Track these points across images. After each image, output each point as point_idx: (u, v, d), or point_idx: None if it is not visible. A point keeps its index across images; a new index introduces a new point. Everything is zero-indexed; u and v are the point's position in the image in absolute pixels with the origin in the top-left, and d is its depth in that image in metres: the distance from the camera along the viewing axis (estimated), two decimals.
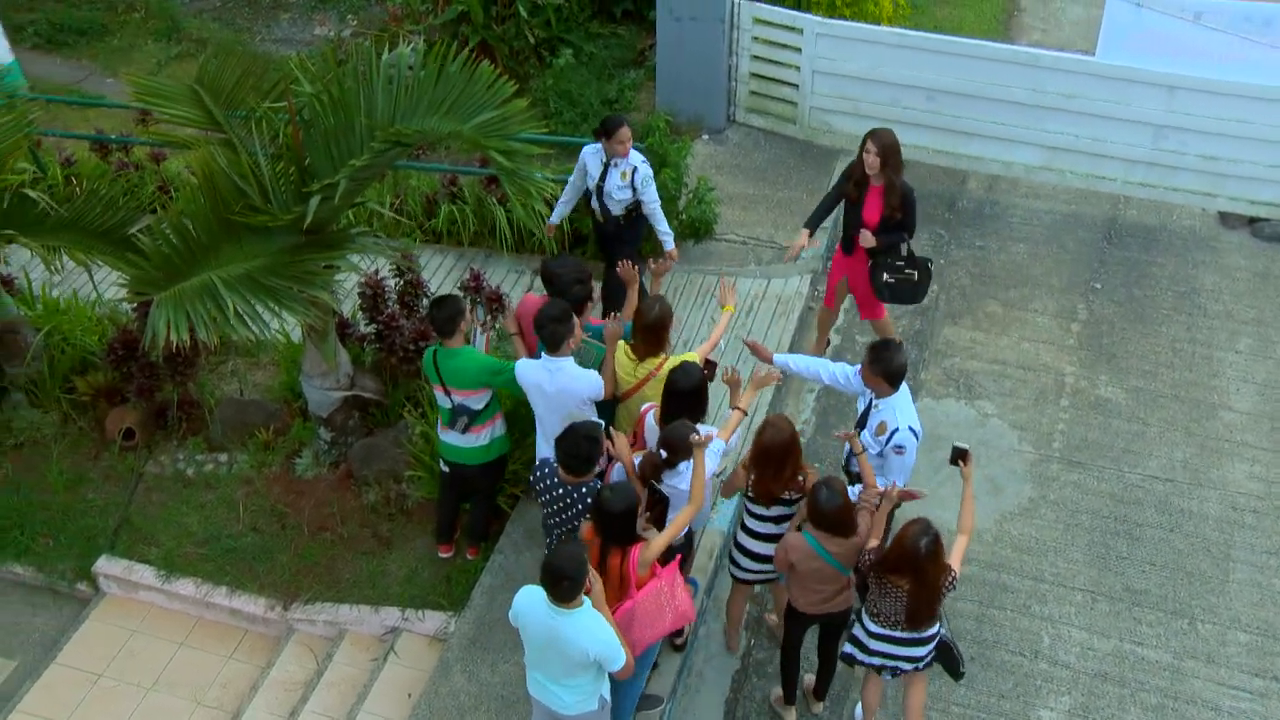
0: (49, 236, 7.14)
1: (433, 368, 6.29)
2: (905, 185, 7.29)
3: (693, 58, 10.50)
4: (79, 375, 8.06)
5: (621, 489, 5.30)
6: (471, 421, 6.34)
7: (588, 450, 5.47)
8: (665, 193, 8.96)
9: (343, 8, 14.03)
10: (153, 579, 7.16)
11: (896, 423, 5.88)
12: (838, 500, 5.34)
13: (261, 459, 7.63)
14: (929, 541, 5.15)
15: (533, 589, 5.04)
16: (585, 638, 4.91)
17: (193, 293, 5.74)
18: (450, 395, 6.28)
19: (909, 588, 5.28)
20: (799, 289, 9.10)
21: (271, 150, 6.39)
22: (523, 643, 5.22)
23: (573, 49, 11.54)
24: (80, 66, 13.41)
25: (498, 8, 11.23)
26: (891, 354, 5.84)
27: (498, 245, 9.32)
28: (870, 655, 5.68)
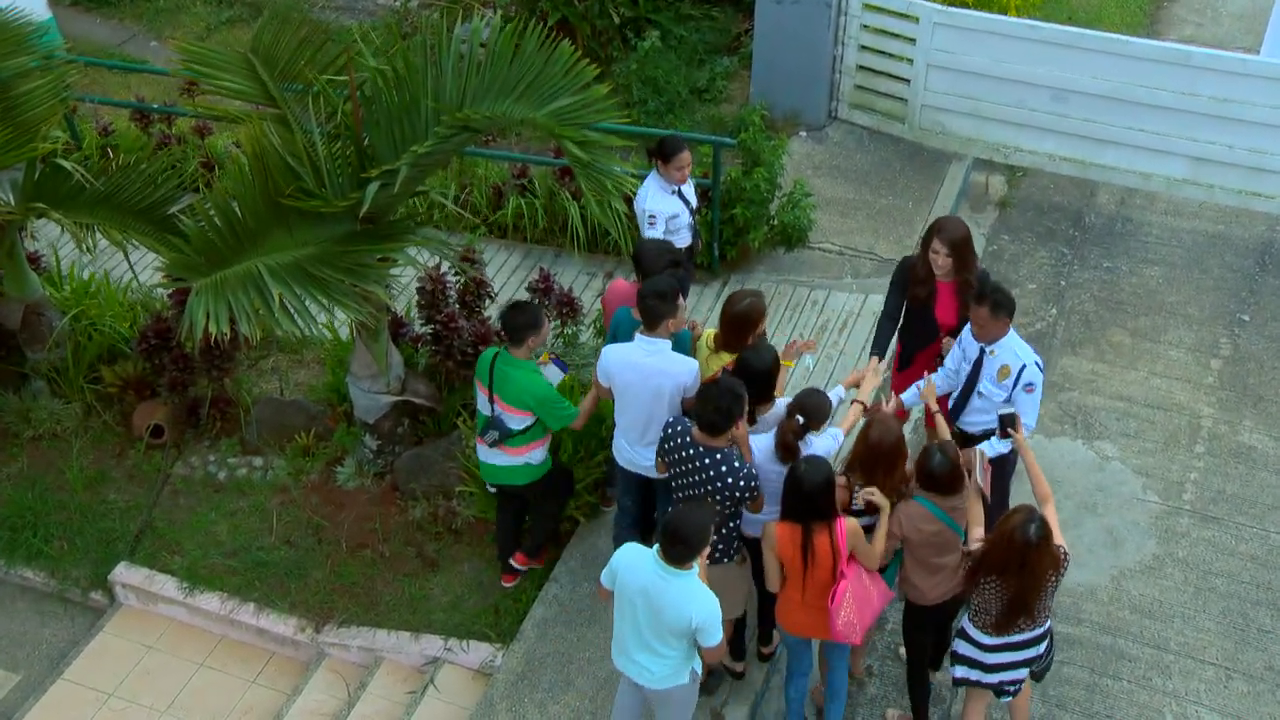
0: (82, 212, 7.34)
1: (487, 368, 6.31)
2: (983, 274, 6.78)
3: (793, 45, 10.49)
4: (106, 365, 8.25)
5: (816, 462, 5.45)
6: (503, 439, 6.35)
7: (729, 405, 5.49)
8: (758, 195, 8.97)
9: None
10: (174, 591, 7.28)
11: (1021, 360, 6.16)
12: (948, 463, 5.52)
13: (300, 465, 7.74)
14: (1038, 529, 5.20)
15: (636, 546, 5.27)
16: (691, 603, 5.08)
17: (235, 281, 5.85)
18: (493, 404, 6.32)
19: (1016, 585, 5.32)
20: None
21: (328, 129, 6.50)
22: (615, 607, 5.37)
23: (660, 31, 11.58)
24: (123, 27, 13.78)
25: None
26: (1004, 290, 6.17)
27: (568, 244, 9.38)
28: (990, 673, 5.67)
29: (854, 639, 5.55)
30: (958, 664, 5.76)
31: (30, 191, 7.34)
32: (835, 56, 10.63)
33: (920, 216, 9.90)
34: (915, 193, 10.17)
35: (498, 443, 6.34)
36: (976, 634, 5.60)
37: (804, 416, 5.66)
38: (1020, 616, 5.42)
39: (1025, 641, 5.57)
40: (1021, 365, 6.17)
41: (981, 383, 6.33)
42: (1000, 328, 6.19)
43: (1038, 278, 9.40)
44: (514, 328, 6.22)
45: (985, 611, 5.49)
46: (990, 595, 5.41)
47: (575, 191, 9.33)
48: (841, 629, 5.50)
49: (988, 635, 5.56)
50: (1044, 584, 5.35)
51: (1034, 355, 6.23)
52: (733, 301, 6.17)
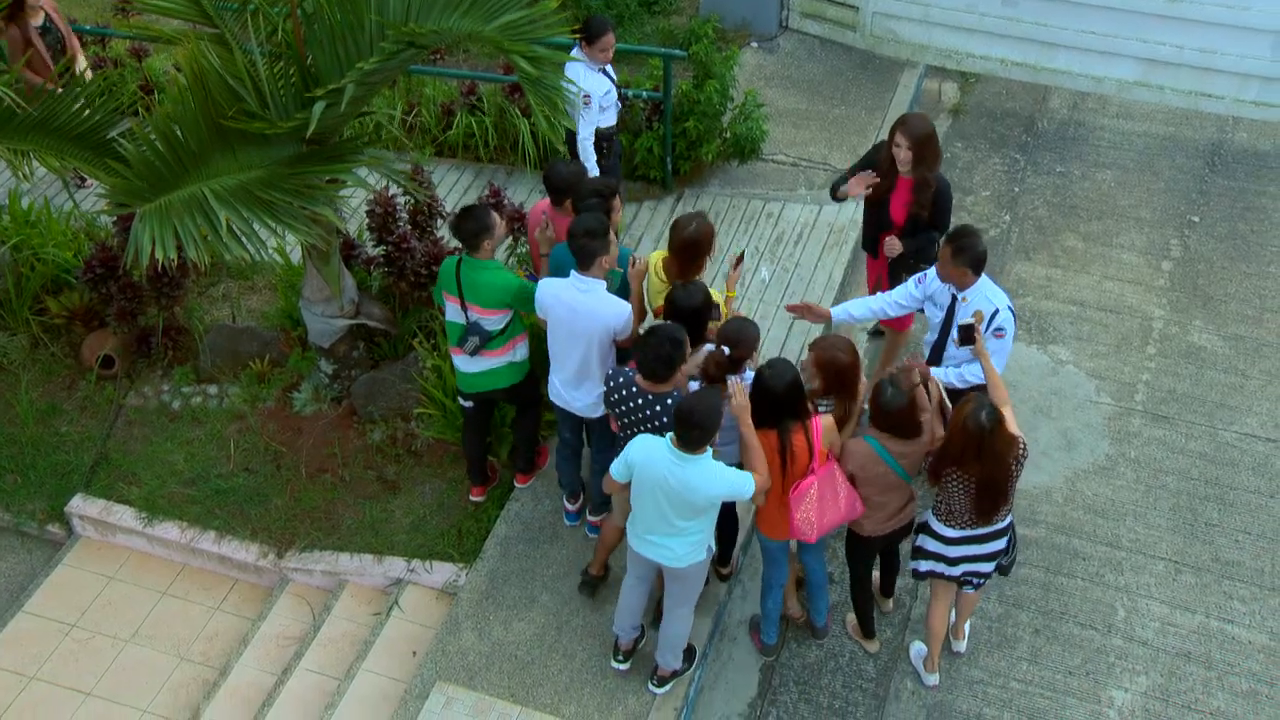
0: (15, 138, 7.14)
1: (453, 277, 6.28)
2: (941, 181, 6.88)
3: None
4: (51, 295, 8.14)
5: (779, 365, 5.55)
6: (483, 344, 6.35)
7: (669, 352, 5.51)
8: (710, 108, 8.91)
9: None
10: (133, 521, 7.28)
11: (993, 304, 6.12)
12: (902, 398, 5.46)
13: (255, 392, 7.71)
14: (990, 413, 5.28)
15: (649, 438, 5.44)
16: (711, 482, 5.30)
17: (181, 205, 5.75)
18: (466, 311, 6.31)
19: (979, 472, 5.41)
20: (854, 217, 9.03)
21: (269, 49, 6.36)
22: (631, 498, 5.54)
23: None
24: None
25: None
26: (974, 239, 6.05)
27: (520, 161, 9.31)
28: (954, 565, 5.82)
29: (808, 536, 5.66)
30: (921, 559, 5.89)
31: None
32: None
33: (873, 125, 9.89)
34: (868, 102, 10.16)
35: (479, 349, 6.34)
36: (940, 528, 5.72)
37: (731, 347, 5.59)
38: (998, 503, 5.51)
39: (987, 535, 5.69)
40: (994, 310, 6.11)
41: (955, 330, 6.28)
42: (962, 274, 6.08)
43: (991, 184, 9.45)
44: (467, 234, 6.20)
45: (950, 505, 5.59)
46: (955, 488, 5.51)
47: (525, 109, 9.24)
48: (799, 524, 5.60)
49: (951, 528, 5.68)
50: (1008, 468, 5.43)
51: (1007, 300, 6.17)
52: (679, 228, 6.12)
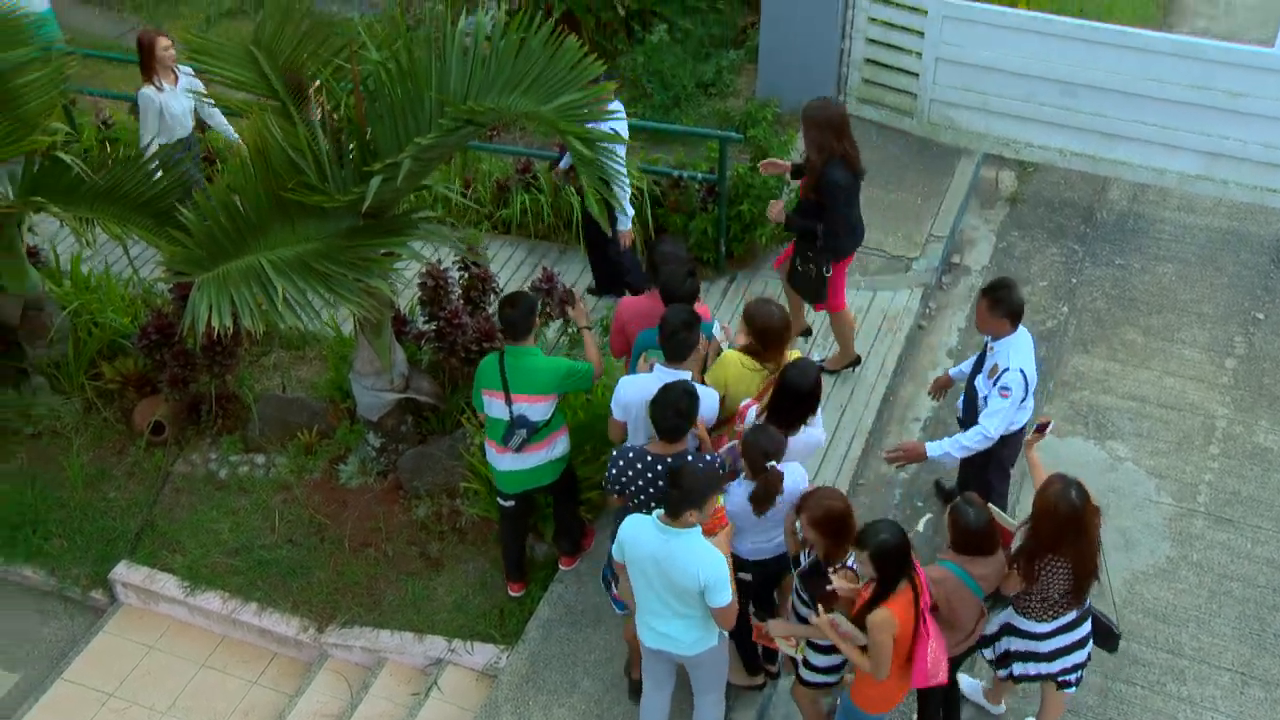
0: (82, 206, 7.31)
1: (497, 369, 6.27)
2: (830, 170, 7.18)
3: (800, 38, 10.44)
4: (107, 360, 8.23)
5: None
6: (529, 437, 6.33)
7: (687, 406, 5.51)
8: (766, 191, 8.93)
9: None
10: (175, 590, 7.26)
11: (1008, 363, 6.17)
12: (985, 516, 5.35)
13: (302, 463, 7.71)
14: (1078, 490, 5.18)
15: (637, 516, 5.36)
16: (696, 560, 5.14)
17: (238, 275, 5.82)
18: (511, 404, 6.29)
19: (1076, 553, 5.26)
20: (908, 304, 8.98)
21: (331, 123, 6.46)
22: (631, 584, 5.44)
23: (667, 24, 11.54)
24: (122, 20, 13.75)
25: None
26: (1011, 290, 6.14)
27: (573, 239, 9.34)
28: (1051, 661, 5.60)
29: (940, 677, 5.27)
30: (1014, 661, 5.68)
31: (29, 185, 7.31)
32: (843, 50, 10.58)
33: (929, 212, 9.86)
34: (924, 188, 10.13)
35: (525, 443, 6.31)
36: (1031, 625, 5.53)
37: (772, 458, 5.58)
38: (1092, 580, 5.37)
39: (1075, 620, 5.52)
40: (1005, 368, 6.18)
41: (978, 377, 6.43)
42: (999, 325, 6.21)
43: (1049, 275, 9.35)
44: (514, 321, 6.20)
45: (1046, 596, 5.40)
46: (1052, 578, 5.32)
47: (580, 187, 9.29)
48: (930, 666, 5.23)
49: (1044, 622, 5.50)
50: (1098, 543, 5.30)
51: (1027, 362, 6.19)
52: (760, 315, 6.06)
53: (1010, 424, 6.32)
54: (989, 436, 6.22)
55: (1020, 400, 6.24)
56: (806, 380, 5.77)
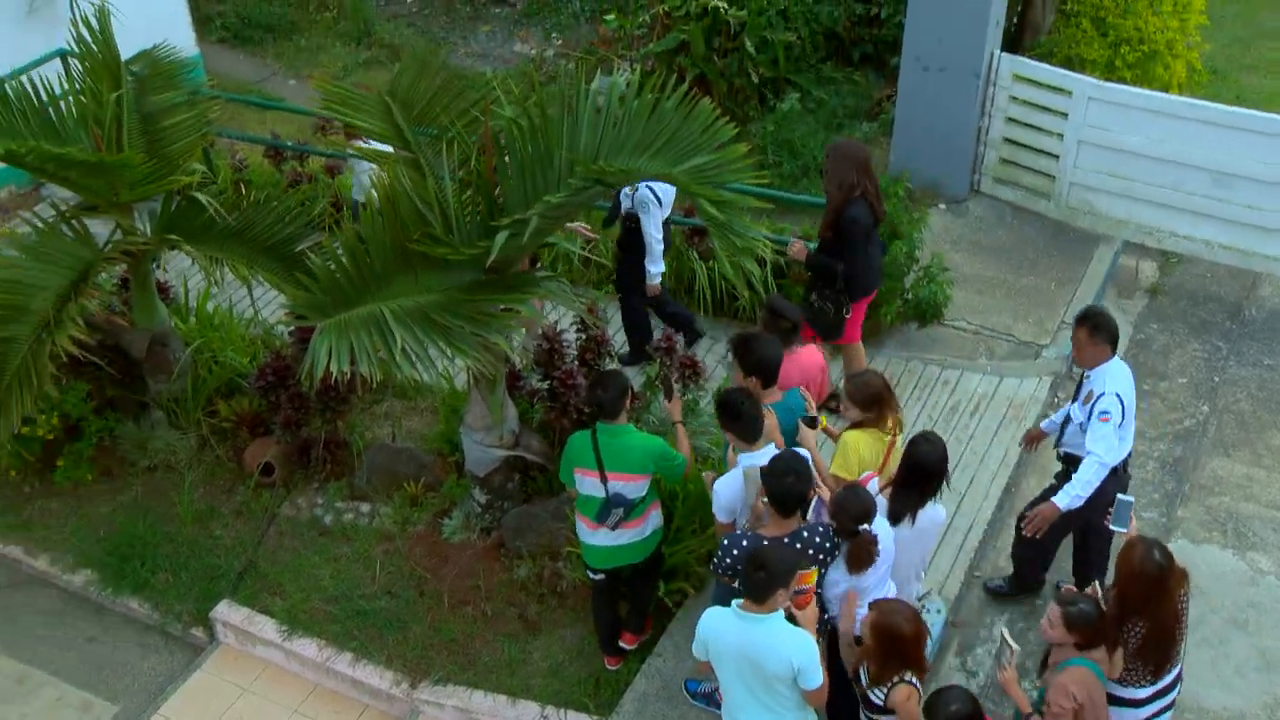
0: (213, 246, 7.57)
1: (590, 448, 6.28)
2: (851, 208, 7.45)
3: (937, 114, 10.40)
4: (224, 399, 8.45)
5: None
6: (626, 514, 6.34)
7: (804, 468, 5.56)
8: (894, 268, 8.86)
9: (548, 25, 14.55)
10: (273, 634, 7.37)
11: (1104, 388, 6.27)
12: (1091, 605, 5.27)
13: (406, 515, 7.80)
14: (1161, 550, 5.18)
15: (716, 610, 5.32)
16: (786, 644, 5.11)
17: (359, 323, 5.93)
18: (606, 483, 6.29)
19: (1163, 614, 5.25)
20: (1035, 393, 8.80)
21: (460, 176, 6.60)
22: (719, 680, 5.38)
23: (800, 93, 11.63)
24: (264, 65, 14.32)
25: (721, 40, 11.44)
26: (1107, 317, 6.33)
27: (694, 305, 9.37)
28: None
29: None
30: None
31: (166, 223, 7.59)
32: (980, 128, 10.51)
33: (1062, 299, 9.67)
34: (1058, 273, 9.95)
35: (622, 520, 6.31)
36: (1130, 692, 5.42)
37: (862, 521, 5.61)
38: (1178, 645, 5.32)
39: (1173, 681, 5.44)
40: (1100, 393, 6.28)
41: (1074, 405, 6.57)
42: (1099, 352, 6.35)
43: (1189, 371, 9.08)
44: (609, 401, 6.26)
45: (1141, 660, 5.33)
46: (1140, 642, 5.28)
47: (704, 252, 9.35)
48: None
49: (1143, 687, 5.39)
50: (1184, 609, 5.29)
51: (1123, 386, 6.31)
52: (863, 387, 6.17)
53: None
54: (1104, 464, 6.27)
55: (1118, 424, 6.29)
56: (936, 452, 5.83)
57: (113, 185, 7.30)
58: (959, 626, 7.19)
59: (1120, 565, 5.29)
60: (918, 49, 10.27)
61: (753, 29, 11.38)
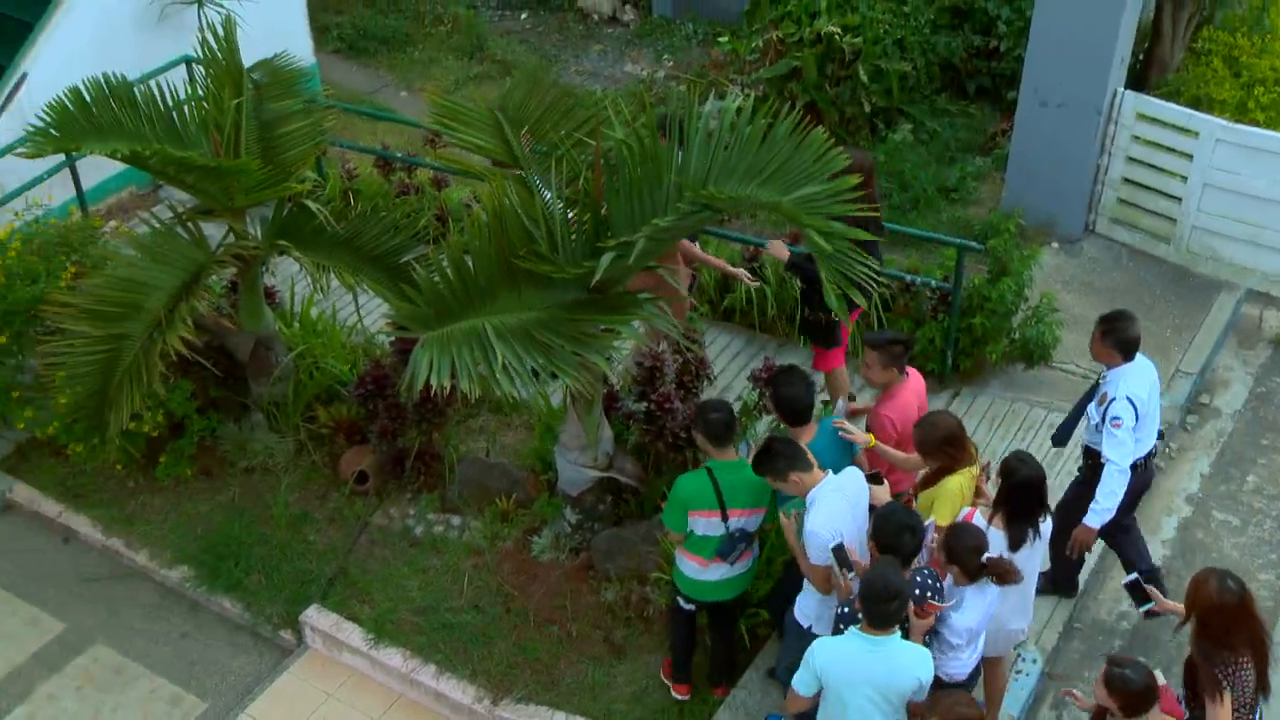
0: (321, 253, 7.80)
1: (712, 490, 6.29)
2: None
3: (1054, 151, 10.32)
4: (323, 405, 8.69)
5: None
6: (748, 547, 6.44)
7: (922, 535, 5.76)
8: (1001, 306, 8.82)
9: (660, 46, 14.71)
10: (360, 641, 7.54)
11: (1116, 392, 6.48)
12: (1140, 673, 5.20)
13: (496, 530, 7.94)
14: (1233, 576, 5.24)
15: (828, 642, 5.54)
16: (913, 661, 5.40)
17: (461, 337, 6.08)
18: (728, 520, 6.33)
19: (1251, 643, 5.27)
20: None
21: (568, 195, 6.73)
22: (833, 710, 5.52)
23: (913, 124, 11.61)
24: (377, 76, 14.67)
25: (834, 68, 11.47)
26: (1126, 323, 6.51)
27: (795, 335, 9.39)
28: None
29: None
30: None
31: (277, 229, 7.85)
32: (1099, 166, 10.40)
33: (1179, 346, 9.52)
34: (1175, 320, 9.79)
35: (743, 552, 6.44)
36: None
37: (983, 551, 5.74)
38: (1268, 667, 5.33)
39: None
40: (1112, 397, 6.50)
41: (1090, 404, 6.80)
42: (1108, 355, 6.60)
43: None
44: (720, 427, 6.34)
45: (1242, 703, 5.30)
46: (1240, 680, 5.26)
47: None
48: None
49: None
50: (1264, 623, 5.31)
51: (1137, 388, 6.49)
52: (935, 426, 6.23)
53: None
54: (1122, 470, 6.51)
55: (1133, 428, 6.48)
56: (1036, 469, 6.00)
57: (228, 190, 7.58)
58: (1056, 679, 7.11)
59: (1197, 601, 5.29)
60: (1037, 83, 10.21)
61: (867, 58, 11.41)
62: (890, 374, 6.76)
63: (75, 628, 7.89)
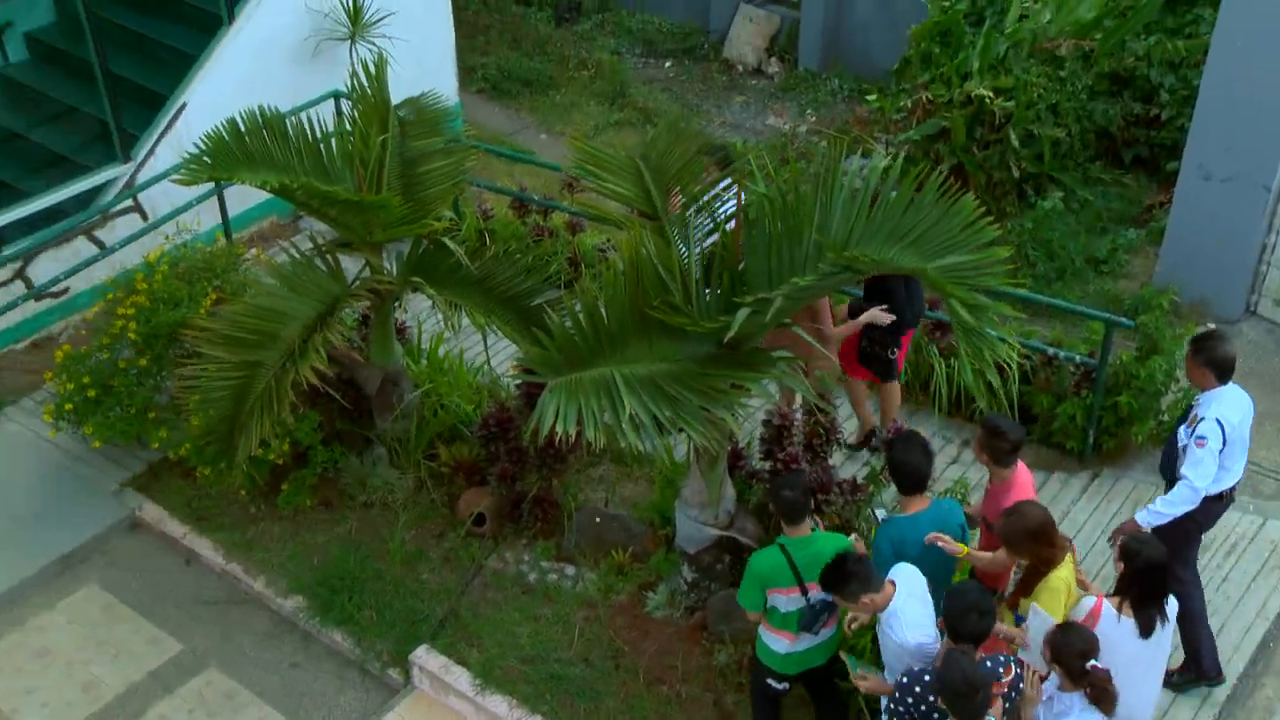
0: (454, 291, 7.97)
1: (789, 568, 6.28)
2: None
3: (1216, 227, 10.06)
4: (445, 444, 8.83)
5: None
6: (830, 614, 6.40)
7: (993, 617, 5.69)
8: (1150, 385, 8.60)
9: (804, 100, 14.76)
10: (467, 686, 7.59)
11: (1205, 412, 6.56)
12: None
13: (611, 583, 7.96)
14: None
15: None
16: None
17: (590, 385, 6.13)
18: (808, 593, 6.30)
19: None
20: None
21: (705, 247, 6.76)
22: None
23: (1063, 192, 11.45)
24: (518, 118, 14.99)
25: (984, 131, 11.38)
26: (1217, 342, 6.64)
27: (929, 401, 9.29)
28: None
29: None
30: None
31: (412, 265, 8.04)
32: (1265, 245, 10.10)
33: None
34: None
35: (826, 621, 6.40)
36: None
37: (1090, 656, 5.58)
38: None
39: None
40: (1201, 417, 6.57)
41: (1181, 427, 6.84)
42: (1202, 377, 6.68)
43: None
44: (793, 502, 6.32)
45: None
46: None
47: (944, 349, 9.26)
48: None
49: None
50: None
51: (1228, 412, 6.55)
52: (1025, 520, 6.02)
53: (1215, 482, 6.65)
54: (1195, 490, 6.56)
55: (1218, 451, 6.54)
56: (1157, 549, 5.85)
57: (368, 224, 7.80)
58: None
59: None
60: (1201, 156, 9.98)
61: (1019, 122, 11.29)
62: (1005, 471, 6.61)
63: (191, 650, 8.11)
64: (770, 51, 15.64)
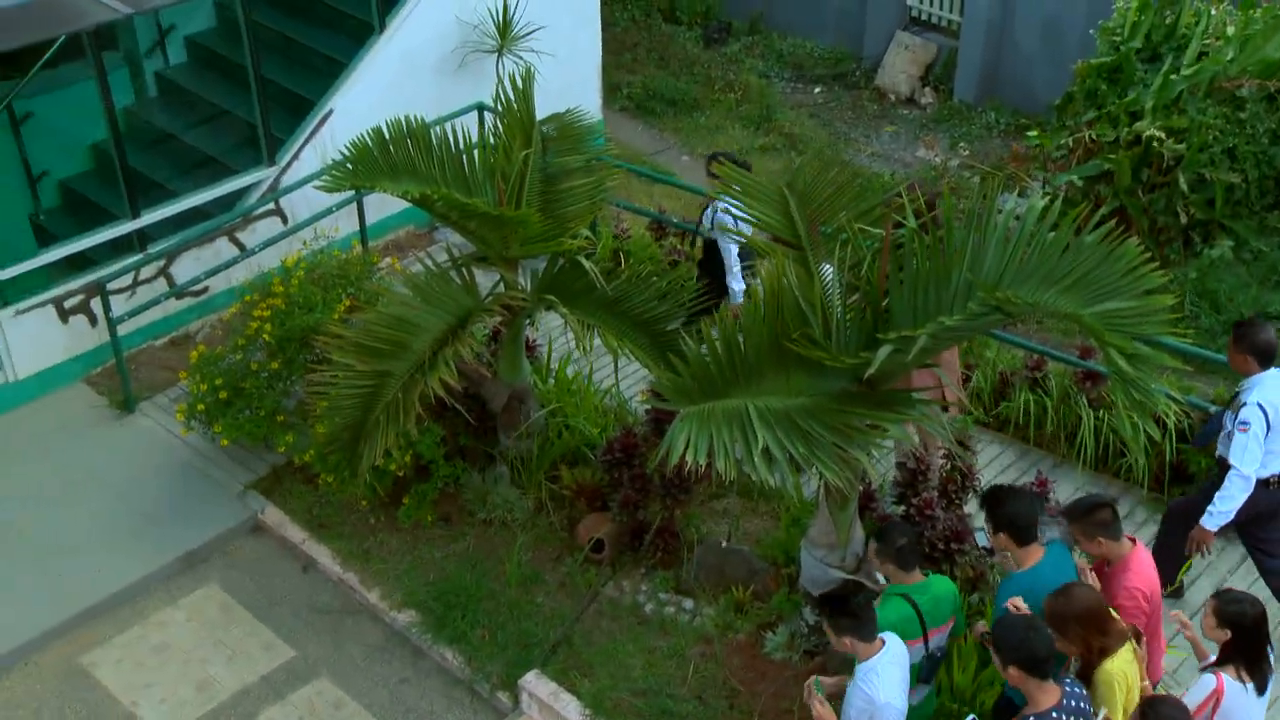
0: (587, 312, 8.02)
1: (917, 619, 6.23)
2: None
3: None
4: (568, 466, 8.88)
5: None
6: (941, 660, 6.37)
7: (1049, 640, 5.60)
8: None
9: (956, 133, 14.59)
10: (576, 715, 7.59)
11: (1248, 397, 6.87)
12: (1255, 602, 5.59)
13: (729, 620, 7.90)
14: None
15: None
16: None
17: (722, 416, 6.09)
18: (928, 640, 6.25)
19: None
20: None
21: (848, 281, 6.70)
22: None
23: (1234, 240, 11.09)
24: (661, 138, 15.09)
25: (1150, 173, 11.10)
26: (1258, 328, 6.92)
27: (1072, 454, 9.06)
28: None
29: None
30: None
31: (547, 283, 8.12)
32: None
33: None
34: None
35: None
36: None
37: None
38: None
39: None
40: (1244, 402, 6.90)
41: (1226, 413, 7.18)
42: (1244, 363, 7.00)
43: None
44: (906, 551, 6.30)
45: None
46: None
47: (1094, 400, 9.02)
48: None
49: None
50: None
51: (1271, 396, 6.83)
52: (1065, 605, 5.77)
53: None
54: (1245, 476, 6.91)
55: (1262, 436, 6.86)
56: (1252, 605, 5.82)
57: (506, 239, 7.90)
58: None
59: None
60: None
61: (1190, 165, 10.97)
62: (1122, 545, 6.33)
63: (304, 657, 8.27)
64: (925, 80, 15.51)
